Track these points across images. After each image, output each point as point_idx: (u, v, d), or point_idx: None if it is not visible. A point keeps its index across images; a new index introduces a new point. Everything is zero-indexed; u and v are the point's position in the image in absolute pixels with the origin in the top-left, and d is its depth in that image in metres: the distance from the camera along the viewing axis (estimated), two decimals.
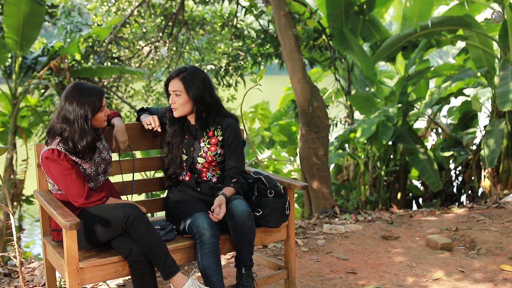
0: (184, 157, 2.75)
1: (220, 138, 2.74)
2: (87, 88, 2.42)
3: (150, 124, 2.76)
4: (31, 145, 8.55)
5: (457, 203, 9.05)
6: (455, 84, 8.88)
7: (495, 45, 8.43)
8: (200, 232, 2.45)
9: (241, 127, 3.25)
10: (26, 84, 7.76)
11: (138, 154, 8.20)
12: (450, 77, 8.03)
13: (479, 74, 8.21)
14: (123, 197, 2.76)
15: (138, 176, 3.65)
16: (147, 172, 8.14)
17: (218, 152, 2.74)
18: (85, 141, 2.39)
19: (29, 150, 7.84)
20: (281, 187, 2.76)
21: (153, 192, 7.51)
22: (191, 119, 2.78)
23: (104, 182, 2.60)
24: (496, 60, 8.27)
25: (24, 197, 7.84)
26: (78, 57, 8.65)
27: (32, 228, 10.05)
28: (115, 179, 2.84)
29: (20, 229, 7.80)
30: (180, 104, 2.68)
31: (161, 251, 2.32)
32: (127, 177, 2.85)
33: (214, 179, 2.77)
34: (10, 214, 2.90)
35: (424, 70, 8.79)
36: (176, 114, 2.71)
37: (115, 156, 2.78)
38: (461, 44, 10.13)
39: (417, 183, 9.92)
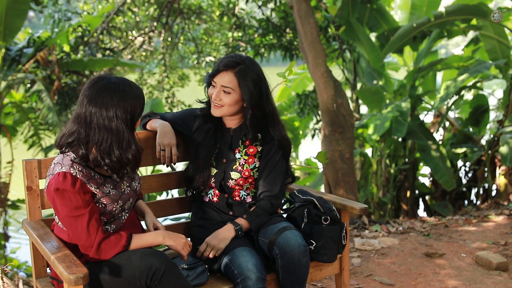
0: (214, 170, 2.16)
1: (259, 149, 2.18)
2: (130, 84, 1.79)
3: (165, 155, 2.14)
4: (16, 144, 7.91)
5: (465, 201, 8.67)
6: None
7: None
8: (243, 274, 1.89)
9: None
10: (10, 78, 7.11)
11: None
12: (467, 70, 7.56)
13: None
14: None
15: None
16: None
17: (257, 166, 2.17)
18: (132, 153, 1.77)
19: (14, 150, 7.21)
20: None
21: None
22: (228, 122, 2.19)
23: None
24: None
25: (9, 202, 7.22)
26: (67, 48, 7.99)
27: (18, 234, 9.40)
28: None
29: (5, 236, 7.19)
30: (228, 103, 2.08)
31: None
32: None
33: (249, 199, 2.21)
34: None
35: (435, 62, 8.31)
36: (216, 113, 2.11)
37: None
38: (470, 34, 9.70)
39: (424, 180, 9.47)
